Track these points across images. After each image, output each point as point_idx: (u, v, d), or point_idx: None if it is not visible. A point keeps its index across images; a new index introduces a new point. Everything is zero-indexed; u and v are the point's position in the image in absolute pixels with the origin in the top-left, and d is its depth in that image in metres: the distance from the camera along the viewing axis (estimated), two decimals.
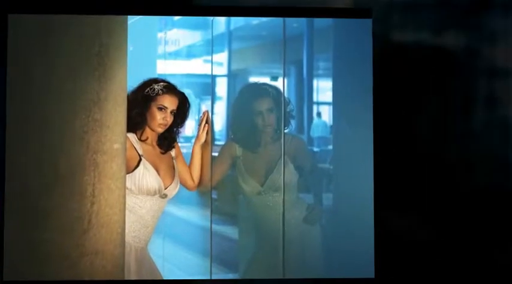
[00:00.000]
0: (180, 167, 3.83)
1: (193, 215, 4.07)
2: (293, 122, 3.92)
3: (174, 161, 3.80)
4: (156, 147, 3.76)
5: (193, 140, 3.87)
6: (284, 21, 3.85)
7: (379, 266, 3.60)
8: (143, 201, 3.65)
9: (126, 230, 3.53)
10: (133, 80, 3.64)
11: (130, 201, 3.60)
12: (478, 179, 3.70)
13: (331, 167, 3.95)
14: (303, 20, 4.04)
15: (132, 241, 3.64)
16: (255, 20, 4.14)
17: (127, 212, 3.53)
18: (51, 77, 3.34)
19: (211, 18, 4.00)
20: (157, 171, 3.69)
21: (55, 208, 3.32)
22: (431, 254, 3.64)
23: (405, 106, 3.67)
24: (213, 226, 3.93)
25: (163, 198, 3.70)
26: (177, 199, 3.81)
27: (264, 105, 3.87)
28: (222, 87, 4.24)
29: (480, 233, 3.66)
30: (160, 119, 3.70)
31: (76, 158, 3.33)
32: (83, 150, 3.33)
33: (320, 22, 3.98)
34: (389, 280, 3.61)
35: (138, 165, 3.65)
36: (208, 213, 3.93)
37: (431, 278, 3.64)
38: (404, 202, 3.65)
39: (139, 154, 3.66)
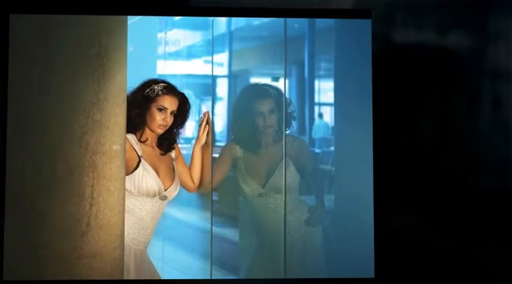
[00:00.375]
0: (180, 168, 3.82)
1: (193, 218, 4.06)
2: (294, 123, 3.92)
3: (174, 162, 3.80)
4: (156, 148, 3.76)
5: (193, 141, 3.87)
6: (285, 22, 3.85)
7: (379, 267, 3.60)
8: (143, 203, 3.65)
9: (126, 233, 3.54)
10: (133, 81, 3.64)
11: (129, 202, 3.60)
12: (479, 180, 3.70)
13: (333, 168, 3.94)
14: (304, 21, 4.04)
15: (132, 243, 3.63)
16: (256, 21, 4.14)
17: (126, 214, 3.54)
18: (50, 78, 3.34)
19: (212, 18, 4.00)
20: (157, 172, 3.69)
21: (53, 209, 3.32)
22: (431, 254, 3.64)
23: (405, 106, 3.68)
24: (214, 228, 3.92)
25: (163, 199, 3.69)
26: (177, 201, 3.81)
27: (265, 106, 3.87)
28: (222, 88, 4.24)
29: (480, 234, 3.67)
30: (160, 120, 3.70)
31: (75, 159, 3.33)
32: (81, 151, 3.33)
33: (321, 22, 3.98)
34: (389, 280, 3.61)
35: (137, 166, 3.64)
36: (209, 215, 3.93)
37: (431, 279, 3.65)
38: (405, 203, 3.65)
39: (138, 156, 3.66)
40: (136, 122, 3.68)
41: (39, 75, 3.35)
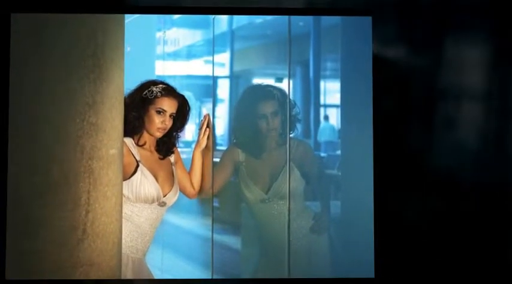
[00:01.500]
0: (179, 173, 3.84)
1: (193, 224, 4.07)
2: (299, 126, 3.90)
3: (173, 167, 3.81)
4: (155, 153, 3.77)
5: (193, 145, 3.88)
6: (289, 20, 3.86)
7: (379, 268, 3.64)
8: (141, 209, 3.66)
9: (123, 240, 3.54)
10: (130, 82, 3.65)
11: (127, 209, 3.62)
12: (481, 184, 3.74)
13: (339, 173, 3.96)
14: (309, 19, 4.05)
15: (129, 251, 3.65)
16: (258, 19, 4.16)
17: (124, 221, 3.54)
18: (44, 79, 3.34)
19: (212, 16, 4.03)
20: (155, 177, 3.70)
21: (48, 216, 3.30)
22: (432, 256, 3.69)
23: (405, 112, 3.71)
24: (215, 235, 3.92)
25: (162, 206, 3.71)
26: (176, 207, 3.81)
27: (269, 108, 3.88)
28: (224, 89, 4.25)
29: (481, 235, 3.71)
30: (158, 123, 3.70)
31: (70, 164, 3.32)
32: (77, 155, 3.32)
33: (327, 20, 3.99)
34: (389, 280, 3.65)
35: (135, 172, 3.65)
36: (209, 221, 3.93)
37: (431, 279, 3.69)
38: (406, 202, 3.70)
39: (136, 160, 3.67)
40: (134, 125, 3.69)
41: (34, 76, 3.34)
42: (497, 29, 3.76)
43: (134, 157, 3.69)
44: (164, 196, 3.72)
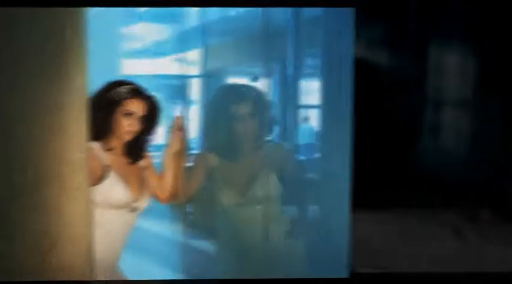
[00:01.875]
0: (150, 178, 3.79)
1: (166, 230, 4.06)
2: (276, 128, 3.92)
3: (144, 172, 3.77)
4: (124, 157, 3.71)
5: (164, 149, 3.82)
6: (266, 12, 3.81)
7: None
8: (112, 215, 3.62)
9: (95, 247, 3.51)
10: (95, 82, 3.57)
11: (98, 214, 3.54)
12: (474, 184, 3.79)
13: (318, 177, 3.96)
14: (287, 11, 4.01)
15: (101, 257, 3.57)
16: (232, 11, 4.12)
17: (95, 227, 3.50)
18: (9, 79, 3.29)
19: (182, 9, 3.99)
20: (125, 182, 3.65)
21: (16, 222, 3.27)
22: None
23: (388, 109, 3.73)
24: (188, 241, 3.93)
25: (133, 211, 3.67)
26: (147, 213, 3.78)
27: (244, 109, 3.85)
28: (195, 89, 4.23)
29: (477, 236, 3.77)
30: (126, 126, 3.63)
31: (38, 168, 3.28)
32: (46, 159, 3.28)
33: (307, 12, 3.95)
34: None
35: (105, 177, 3.60)
36: (182, 227, 3.93)
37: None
38: (384, 207, 3.72)
39: (105, 165, 3.61)
40: (100, 129, 3.61)
41: (7, 72, 3.28)
42: (479, 32, 3.79)
43: (103, 162, 3.62)
44: (135, 202, 3.67)
